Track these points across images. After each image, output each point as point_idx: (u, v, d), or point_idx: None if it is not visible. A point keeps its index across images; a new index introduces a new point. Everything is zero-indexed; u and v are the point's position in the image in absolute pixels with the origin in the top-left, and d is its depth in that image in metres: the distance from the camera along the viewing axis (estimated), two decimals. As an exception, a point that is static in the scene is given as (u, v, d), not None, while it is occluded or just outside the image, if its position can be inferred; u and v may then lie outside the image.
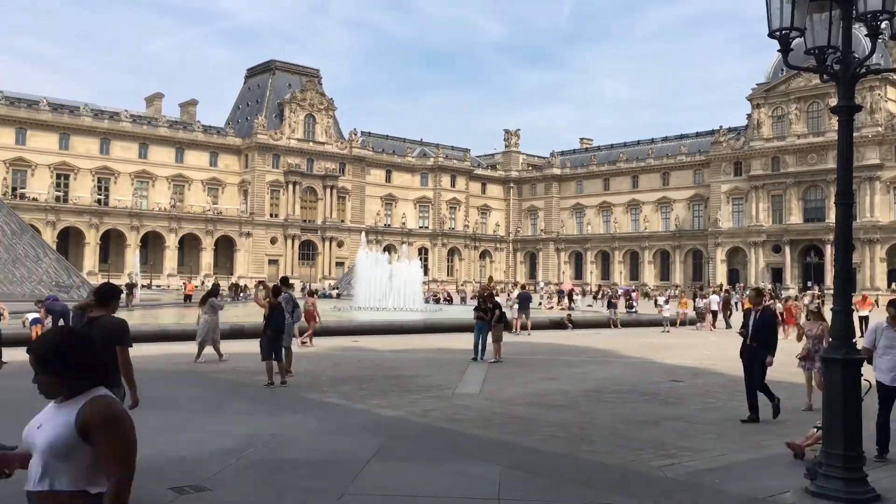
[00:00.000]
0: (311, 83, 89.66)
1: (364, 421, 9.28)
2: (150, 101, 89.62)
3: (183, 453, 7.39)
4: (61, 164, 74.54)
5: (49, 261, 34.47)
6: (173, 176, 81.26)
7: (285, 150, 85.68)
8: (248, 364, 14.78)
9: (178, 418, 9.17)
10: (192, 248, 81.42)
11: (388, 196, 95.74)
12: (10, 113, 72.25)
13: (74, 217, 73.33)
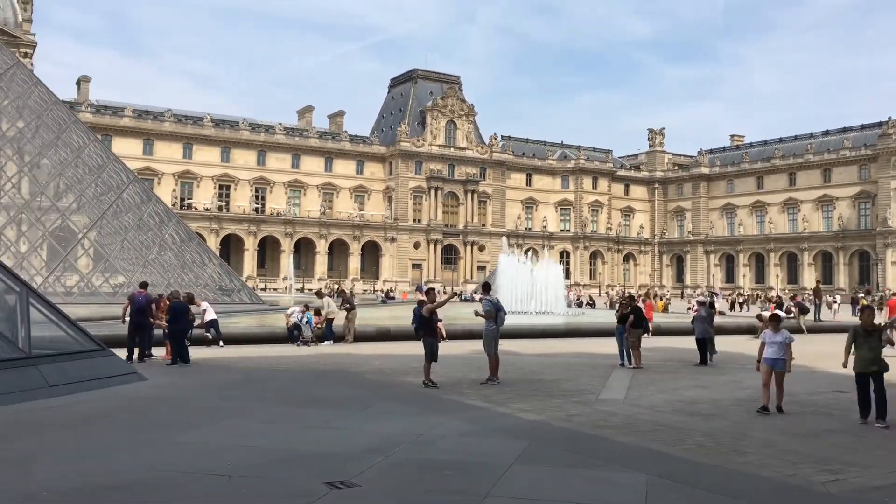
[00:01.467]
0: (452, 90, 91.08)
1: (506, 424, 9.30)
2: (302, 113, 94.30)
3: (333, 449, 7.70)
4: (223, 175, 79.92)
5: (213, 266, 37.01)
6: (323, 184, 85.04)
7: (427, 157, 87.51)
8: (394, 365, 15.21)
9: (330, 416, 9.57)
10: (340, 252, 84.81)
11: (528, 199, 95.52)
12: (178, 129, 78.30)
13: (235, 225, 78.37)
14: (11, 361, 10.28)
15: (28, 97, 33.22)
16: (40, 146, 33.24)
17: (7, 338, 10.61)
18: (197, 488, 6.23)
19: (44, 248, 34.92)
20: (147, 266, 33.74)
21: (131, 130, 75.80)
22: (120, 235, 34.73)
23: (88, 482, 6.31)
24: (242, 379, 13.09)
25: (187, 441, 7.95)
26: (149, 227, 34.47)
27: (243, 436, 8.17)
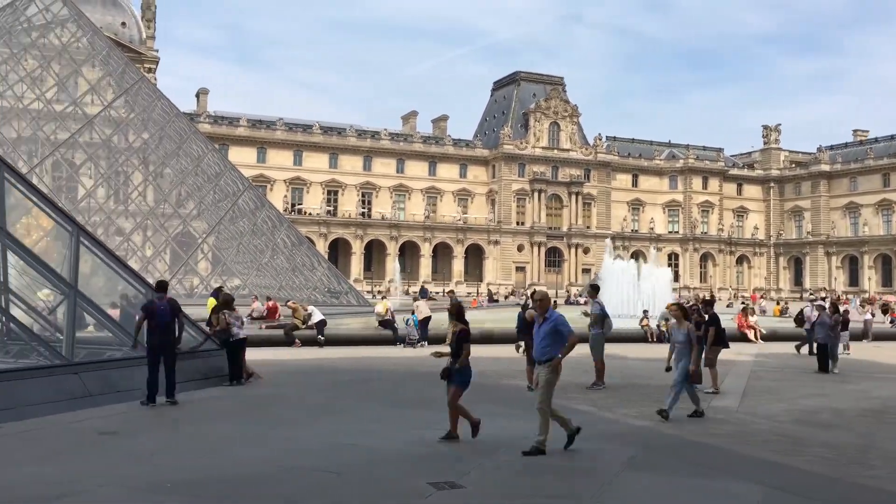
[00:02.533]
0: (556, 91, 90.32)
1: (613, 430, 9.13)
2: (406, 119, 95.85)
3: (438, 450, 7.78)
4: (331, 181, 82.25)
5: (322, 269, 38.13)
6: (427, 188, 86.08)
7: (530, 159, 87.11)
8: (497, 368, 15.21)
9: (434, 417, 9.67)
10: (444, 256, 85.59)
11: (634, 201, 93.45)
12: (289, 137, 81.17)
13: (342, 229, 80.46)
14: (139, 359, 10.94)
15: (152, 110, 35.27)
16: (163, 156, 35.23)
17: (136, 337, 11.29)
18: (308, 484, 6.43)
19: (167, 253, 36.93)
20: (260, 269, 35.15)
21: (246, 139, 79.16)
22: (236, 240, 36.35)
23: (208, 474, 6.64)
24: (349, 379, 13.42)
25: (297, 437, 8.22)
26: (262, 231, 35.88)
27: (351, 434, 8.38)
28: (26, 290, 11.54)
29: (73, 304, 10.25)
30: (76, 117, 33.74)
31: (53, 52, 34.13)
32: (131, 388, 10.30)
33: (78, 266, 10.71)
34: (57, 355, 9.86)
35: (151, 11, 76.32)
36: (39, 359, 9.86)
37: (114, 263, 11.81)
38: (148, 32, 75.26)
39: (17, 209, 11.87)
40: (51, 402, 9.10)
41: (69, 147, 33.28)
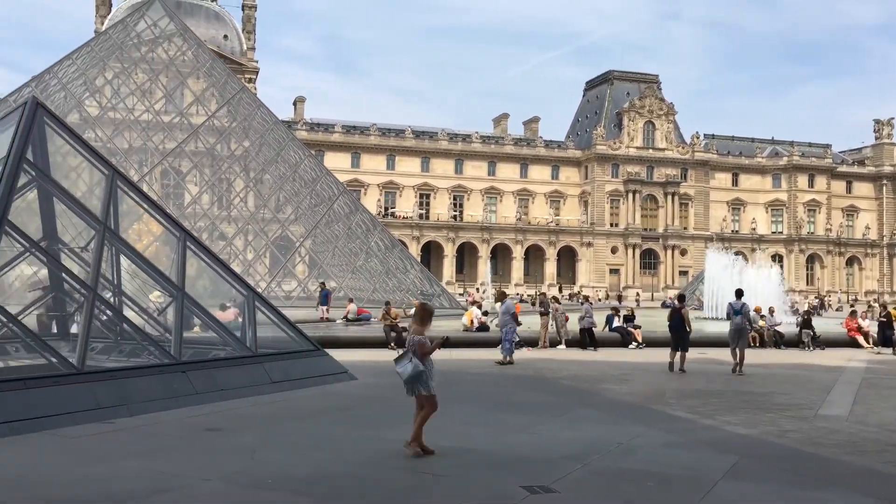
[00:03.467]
0: (650, 89, 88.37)
1: (713, 437, 8.83)
2: (497, 121, 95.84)
3: (531, 454, 7.73)
4: (423, 184, 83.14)
5: (415, 272, 38.57)
6: (518, 191, 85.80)
7: (624, 159, 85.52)
8: (591, 372, 14.99)
9: (527, 420, 9.62)
10: (536, 258, 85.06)
11: (734, 200, 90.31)
12: (382, 142, 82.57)
13: (434, 232, 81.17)
14: (241, 359, 11.37)
15: (252, 119, 36.60)
16: (263, 163, 36.49)
17: (238, 338, 11.74)
18: (403, 485, 6.51)
19: (267, 256, 38.24)
20: (355, 272, 35.89)
21: (341, 145, 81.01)
22: (331, 244, 37.24)
23: (307, 472, 6.82)
24: (440, 381, 13.48)
25: (393, 438, 8.34)
26: (356, 235, 36.62)
27: (444, 436, 8.41)
28: (138, 292, 12.17)
29: (180, 305, 10.75)
30: (182, 127, 35.40)
31: (161, 66, 35.92)
32: (234, 386, 10.70)
33: (185, 269, 11.22)
34: (166, 354, 10.35)
35: (251, 24, 79.23)
36: (150, 358, 10.37)
37: (217, 267, 12.30)
38: (248, 44, 78.12)
39: (130, 216, 12.55)
40: (160, 399, 9.56)
41: (176, 156, 34.93)
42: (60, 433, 7.97)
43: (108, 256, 10.84)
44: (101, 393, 9.05)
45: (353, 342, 19.47)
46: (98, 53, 34.72)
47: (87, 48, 34.87)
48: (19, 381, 8.65)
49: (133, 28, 35.61)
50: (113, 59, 35.08)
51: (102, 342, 11.20)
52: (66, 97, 33.65)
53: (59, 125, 11.11)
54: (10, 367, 10.48)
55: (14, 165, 9.45)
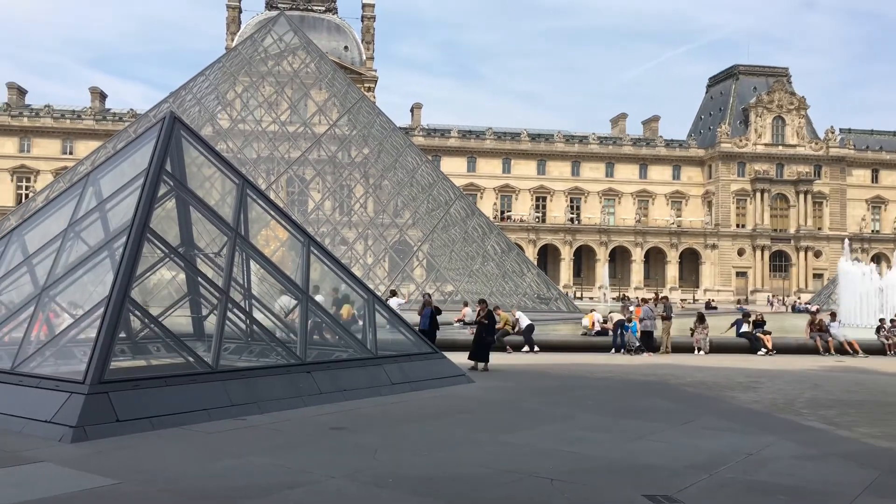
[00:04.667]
0: (779, 83, 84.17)
1: (850, 449, 8.29)
2: (615, 122, 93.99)
3: (654, 462, 7.52)
4: (539, 187, 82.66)
5: (531, 275, 38.39)
6: (637, 192, 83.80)
7: (751, 157, 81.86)
8: (717, 378, 14.41)
9: (649, 427, 9.36)
10: (657, 261, 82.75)
11: (875, 198, 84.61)
12: (498, 146, 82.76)
13: (551, 235, 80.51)
14: (362, 361, 11.68)
15: (371, 126, 37.57)
16: (382, 169, 37.37)
17: (359, 340, 12.08)
18: (522, 488, 6.49)
19: (386, 260, 39.12)
20: (472, 276, 36.10)
21: (457, 150, 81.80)
22: (448, 248, 37.64)
23: (427, 472, 6.92)
24: (559, 385, 13.37)
25: (512, 442, 8.32)
26: (473, 239, 36.85)
27: (564, 441, 8.33)
28: (266, 295, 12.73)
29: (305, 308, 11.16)
30: (306, 136, 36.83)
31: (286, 78, 37.51)
32: (356, 387, 11.01)
33: (309, 273, 11.65)
34: (292, 355, 10.77)
35: (370, 34, 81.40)
36: (277, 358, 10.82)
37: (339, 271, 12.69)
38: (367, 54, 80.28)
39: (258, 222, 13.13)
40: (287, 398, 9.96)
41: (300, 164, 36.35)
42: (196, 429, 8.45)
43: (238, 261, 11.40)
44: (233, 391, 9.52)
45: (469, 345, 19.56)
46: (229, 69, 36.68)
47: (219, 64, 36.90)
48: (159, 378, 9.24)
49: (260, 43, 37.39)
50: (242, 74, 36.96)
51: (234, 343, 11.78)
52: (201, 111, 35.73)
53: (195, 138, 11.79)
54: (151, 366, 11.21)
55: (154, 177, 10.10)
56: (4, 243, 11.85)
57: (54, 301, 10.18)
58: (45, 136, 75.98)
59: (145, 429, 8.20)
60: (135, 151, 11.42)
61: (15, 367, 8.98)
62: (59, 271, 10.23)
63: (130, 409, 8.33)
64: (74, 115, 77.70)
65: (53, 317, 10.26)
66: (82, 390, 8.07)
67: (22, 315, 10.04)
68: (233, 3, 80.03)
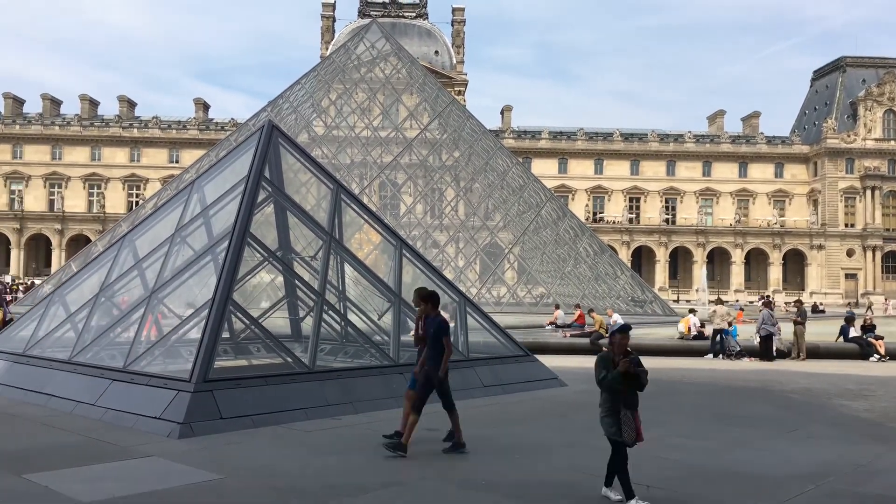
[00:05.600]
0: (890, 74, 79.63)
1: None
2: (712, 119, 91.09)
3: (756, 471, 7.24)
4: (633, 188, 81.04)
5: (625, 278, 37.66)
6: (736, 191, 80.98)
7: (860, 153, 77.74)
8: (824, 385, 13.75)
9: (751, 435, 9.03)
10: (758, 262, 79.70)
11: None
12: (589, 147, 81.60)
13: (645, 236, 78.75)
14: (454, 363, 11.71)
15: (462, 130, 37.76)
16: (472, 172, 37.50)
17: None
18: (615, 494, 6.37)
19: (477, 263, 39.20)
20: (564, 278, 35.73)
21: (547, 151, 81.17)
22: (539, 250, 37.39)
23: (518, 476, 6.89)
24: (655, 390, 13.00)
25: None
26: (564, 241, 36.48)
27: (661, 447, 8.12)
28: (359, 297, 12.99)
29: (398, 310, 11.32)
30: (398, 141, 37.38)
31: (378, 84, 38.20)
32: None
33: (401, 276, 11.81)
34: (385, 357, 10.94)
35: (461, 38, 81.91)
36: (371, 359, 11.02)
37: (431, 274, 12.81)
38: (457, 58, 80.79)
39: (352, 226, 13.43)
40: (381, 399, 10.12)
41: (392, 168, 36.90)
42: (295, 427, 8.70)
43: (333, 264, 11.68)
44: (329, 391, 9.76)
45: (562, 348, 19.40)
46: (323, 77, 37.65)
47: (314, 73, 37.94)
48: (260, 378, 9.57)
49: (353, 51, 38.21)
50: (336, 81, 37.86)
51: (329, 344, 12.07)
52: (297, 118, 36.81)
53: (291, 145, 12.16)
54: (251, 366, 11.62)
55: (254, 183, 10.48)
56: (117, 248, 12.54)
57: (162, 303, 10.70)
58: (153, 146, 79.98)
59: (247, 426, 8.50)
60: (235, 159, 11.88)
61: (127, 366, 9.48)
62: (167, 275, 10.75)
63: (233, 406, 8.66)
64: (180, 126, 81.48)
65: (162, 318, 10.78)
66: (188, 388, 8.45)
67: (133, 316, 10.61)
68: (327, 12, 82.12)
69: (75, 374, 9.99)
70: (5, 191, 78.91)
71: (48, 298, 13.11)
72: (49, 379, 10.23)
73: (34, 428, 8.50)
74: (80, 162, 79.19)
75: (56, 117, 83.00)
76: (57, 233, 76.20)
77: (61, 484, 6.20)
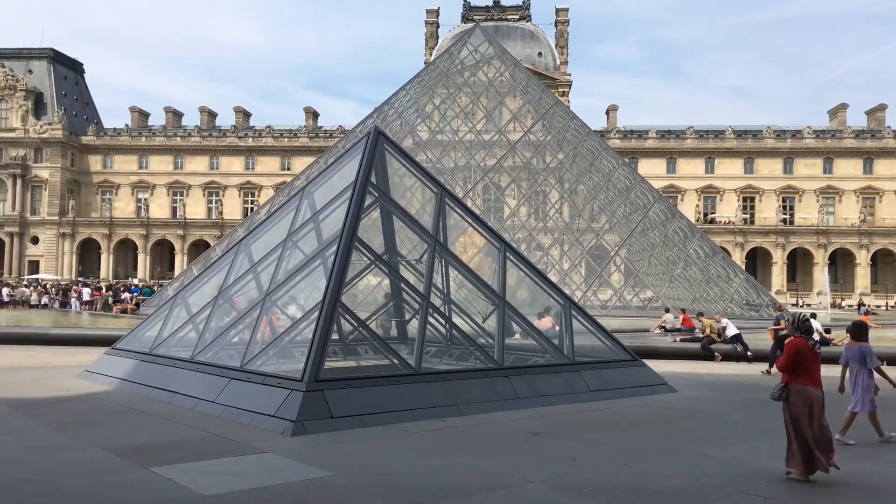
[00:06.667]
0: None
1: None
2: (833, 113, 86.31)
3: (889, 486, 6.81)
4: (746, 187, 77.84)
5: (739, 280, 36.20)
6: (861, 189, 76.49)
7: None
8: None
9: (884, 448, 8.50)
10: (886, 264, 74.86)
11: None
12: (699, 145, 78.95)
13: (760, 237, 75.42)
14: (559, 367, 11.63)
15: (566, 131, 37.36)
16: (577, 174, 37.03)
17: (555, 346, 12.05)
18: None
19: (582, 266, 38.64)
20: (673, 281, 34.72)
21: (655, 151, 79.13)
22: (647, 252, 36.48)
23: (626, 483, 6.75)
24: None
25: (719, 455, 7.90)
26: (674, 243, 35.44)
27: (778, 458, 7.76)
28: (464, 300, 13.07)
29: (502, 313, 11.33)
30: (501, 144, 37.38)
31: (481, 88, 38.33)
32: (553, 392, 10.98)
33: (505, 279, 11.81)
34: (490, 359, 10.97)
35: (564, 39, 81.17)
36: (476, 362, 11.07)
37: (535, 277, 12.75)
38: (561, 59, 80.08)
39: (456, 229, 13.53)
40: (485, 402, 10.15)
41: (496, 171, 36.93)
42: (401, 427, 8.85)
43: (438, 267, 11.81)
44: (435, 393, 9.87)
45: (671, 353, 18.85)
46: (427, 82, 38.13)
47: (418, 79, 38.47)
48: (368, 378, 9.79)
49: (457, 56, 38.51)
50: (440, 86, 38.26)
51: (435, 346, 12.21)
52: (402, 124, 37.43)
53: (397, 150, 12.40)
54: (359, 366, 11.91)
55: (361, 189, 10.75)
56: (234, 252, 13.14)
57: (276, 305, 11.13)
58: (267, 154, 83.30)
59: (355, 425, 8.71)
60: (343, 165, 12.23)
61: (244, 365, 9.92)
62: (280, 278, 11.18)
63: (342, 406, 8.90)
64: (291, 134, 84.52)
65: (275, 319, 11.21)
66: (301, 388, 8.74)
67: (249, 318, 11.08)
68: (430, 19, 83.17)
69: (197, 373, 10.52)
70: (132, 199, 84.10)
71: (171, 301, 13.88)
72: (173, 377, 10.82)
73: (160, 423, 9.02)
74: (200, 171, 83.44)
75: (178, 129, 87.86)
76: (179, 238, 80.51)
77: (184, 477, 6.54)
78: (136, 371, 11.86)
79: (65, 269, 79.24)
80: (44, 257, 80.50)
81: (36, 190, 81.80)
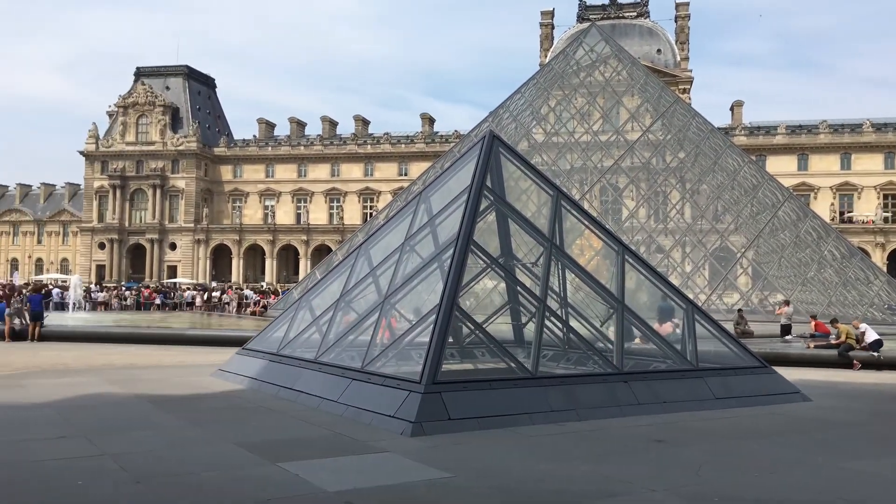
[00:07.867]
0: None
1: None
2: None
3: None
4: (887, 183, 72.93)
5: (880, 283, 33.90)
6: None
7: None
8: None
9: None
10: None
11: None
12: (834, 140, 74.56)
13: (904, 237, 70.34)
14: (682, 373, 11.26)
15: (687, 129, 36.17)
16: (699, 173, 35.75)
17: (678, 351, 11.67)
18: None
19: (705, 268, 37.28)
20: (806, 284, 32.93)
21: (784, 147, 75.32)
22: (776, 254, 34.75)
23: (754, 495, 6.45)
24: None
25: (856, 469, 7.42)
26: (806, 244, 33.61)
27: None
28: (581, 304, 12.89)
29: (620, 317, 11.10)
30: (618, 144, 36.63)
31: (598, 88, 37.73)
32: (675, 399, 10.65)
33: (624, 282, 11.56)
34: (608, 364, 10.76)
35: (685, 34, 78.77)
36: (594, 367, 10.89)
37: (656, 279, 12.40)
38: (681, 55, 77.72)
39: (572, 232, 13.37)
40: (604, 407, 9.97)
41: (613, 172, 36.24)
42: (519, 431, 8.83)
43: (555, 271, 11.70)
44: (552, 397, 9.79)
45: (805, 360, 17.88)
46: (542, 84, 37.90)
47: (533, 81, 38.30)
48: (485, 381, 9.83)
49: (572, 56, 38.08)
50: (555, 88, 37.94)
51: (551, 350, 12.10)
52: (517, 127, 37.37)
53: (512, 154, 12.40)
54: (476, 369, 11.97)
55: (476, 192, 10.82)
56: (354, 257, 13.55)
57: (394, 308, 11.37)
58: (384, 160, 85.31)
59: (473, 428, 8.77)
60: (459, 170, 12.35)
61: (364, 367, 10.19)
62: (398, 281, 11.41)
63: (460, 408, 8.98)
64: (408, 140, 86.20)
65: (394, 322, 11.45)
66: (419, 389, 8.89)
67: (369, 320, 11.37)
68: (545, 20, 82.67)
69: (320, 373, 10.91)
70: (260, 206, 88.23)
71: (297, 303, 14.47)
72: (298, 376, 11.26)
73: (287, 421, 9.40)
74: (322, 178, 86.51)
75: (301, 138, 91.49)
76: (303, 243, 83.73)
77: (310, 473, 6.79)
78: (265, 370, 12.42)
79: (199, 274, 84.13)
80: (181, 262, 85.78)
81: (173, 199, 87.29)
